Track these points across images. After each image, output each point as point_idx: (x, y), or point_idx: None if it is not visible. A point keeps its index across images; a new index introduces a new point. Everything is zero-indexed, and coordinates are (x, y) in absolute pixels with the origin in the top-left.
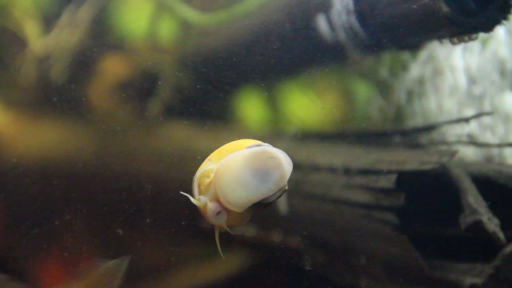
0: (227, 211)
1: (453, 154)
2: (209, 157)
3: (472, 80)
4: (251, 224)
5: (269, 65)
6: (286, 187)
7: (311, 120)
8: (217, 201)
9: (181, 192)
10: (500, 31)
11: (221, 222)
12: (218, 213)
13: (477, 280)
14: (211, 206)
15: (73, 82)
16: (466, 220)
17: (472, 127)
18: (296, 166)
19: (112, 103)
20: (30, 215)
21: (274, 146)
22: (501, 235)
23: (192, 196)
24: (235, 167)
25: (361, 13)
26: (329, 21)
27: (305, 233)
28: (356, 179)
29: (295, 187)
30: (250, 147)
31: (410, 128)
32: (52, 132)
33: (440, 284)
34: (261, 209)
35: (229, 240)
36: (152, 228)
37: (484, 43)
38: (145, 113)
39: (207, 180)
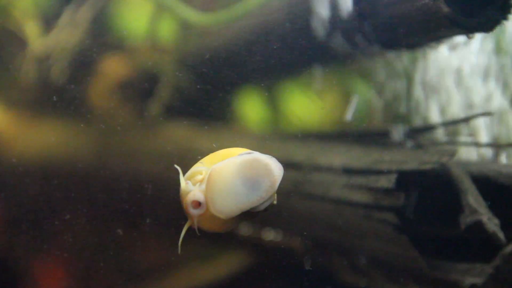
0: (209, 214)
1: (453, 154)
2: (201, 160)
3: (473, 80)
4: (252, 225)
5: (269, 65)
6: (275, 202)
7: (311, 120)
8: (204, 195)
9: (176, 166)
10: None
11: (196, 214)
12: (198, 204)
13: (477, 280)
14: (194, 192)
15: (73, 82)
16: (466, 220)
17: (471, 127)
18: (296, 166)
19: (112, 103)
20: (30, 215)
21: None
22: (501, 235)
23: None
24: (226, 175)
25: (361, 13)
26: (330, 21)
27: (305, 233)
28: (356, 179)
29: (295, 187)
30: (241, 155)
31: (410, 128)
32: (52, 132)
33: (440, 284)
34: (249, 219)
35: (229, 240)
36: (152, 228)
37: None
38: (145, 113)
39: (200, 177)
